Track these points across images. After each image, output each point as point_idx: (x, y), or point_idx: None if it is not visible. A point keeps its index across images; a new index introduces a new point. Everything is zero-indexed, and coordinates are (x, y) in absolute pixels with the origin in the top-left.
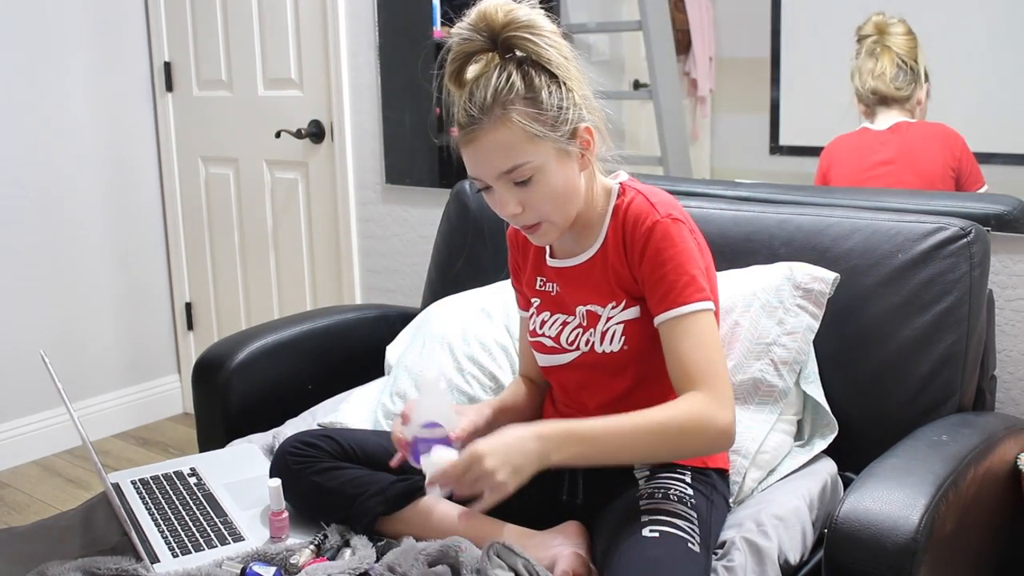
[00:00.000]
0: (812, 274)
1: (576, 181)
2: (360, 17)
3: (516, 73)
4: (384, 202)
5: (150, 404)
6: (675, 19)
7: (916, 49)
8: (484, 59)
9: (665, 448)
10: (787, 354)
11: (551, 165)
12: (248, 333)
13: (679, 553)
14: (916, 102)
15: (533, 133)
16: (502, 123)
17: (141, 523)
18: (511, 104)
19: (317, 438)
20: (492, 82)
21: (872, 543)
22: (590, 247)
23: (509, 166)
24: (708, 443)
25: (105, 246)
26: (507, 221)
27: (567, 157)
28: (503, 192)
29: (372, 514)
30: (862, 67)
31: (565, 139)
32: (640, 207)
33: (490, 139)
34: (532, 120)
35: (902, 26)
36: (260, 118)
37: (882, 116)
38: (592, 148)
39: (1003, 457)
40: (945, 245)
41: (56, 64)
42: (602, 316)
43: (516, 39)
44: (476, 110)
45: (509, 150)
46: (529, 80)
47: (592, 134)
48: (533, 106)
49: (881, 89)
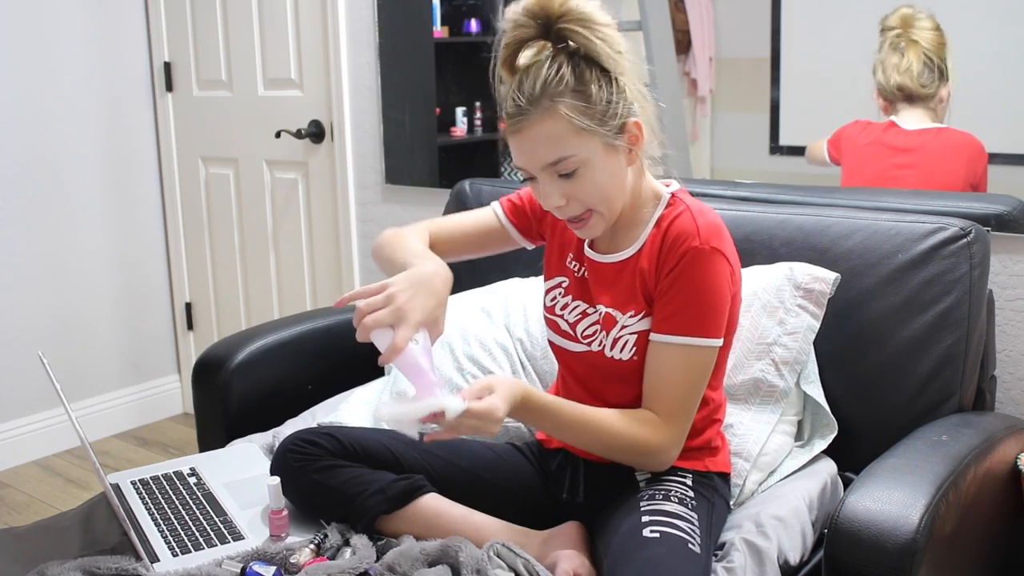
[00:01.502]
0: (813, 274)
1: (622, 176)
2: (360, 17)
3: (567, 65)
4: (384, 202)
5: (150, 404)
6: (675, 19)
7: (944, 46)
8: (537, 47)
9: (608, 452)
10: (788, 354)
11: (597, 159)
12: (248, 333)
13: (679, 553)
14: (939, 100)
15: (580, 127)
16: (550, 115)
17: (140, 523)
18: (560, 96)
19: (318, 436)
20: (542, 73)
21: (872, 543)
22: (628, 248)
23: (555, 158)
24: (643, 464)
25: (105, 246)
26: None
27: (614, 152)
28: (547, 184)
29: (373, 512)
30: (886, 61)
31: (613, 133)
32: (686, 226)
33: (537, 130)
34: (580, 113)
35: (930, 21)
36: (260, 118)
37: (905, 113)
38: (640, 143)
39: (1003, 457)
40: (945, 245)
41: (56, 64)
42: (618, 323)
43: (570, 31)
44: (524, 100)
45: (556, 142)
46: (579, 73)
47: (641, 129)
48: (582, 99)
49: (907, 85)
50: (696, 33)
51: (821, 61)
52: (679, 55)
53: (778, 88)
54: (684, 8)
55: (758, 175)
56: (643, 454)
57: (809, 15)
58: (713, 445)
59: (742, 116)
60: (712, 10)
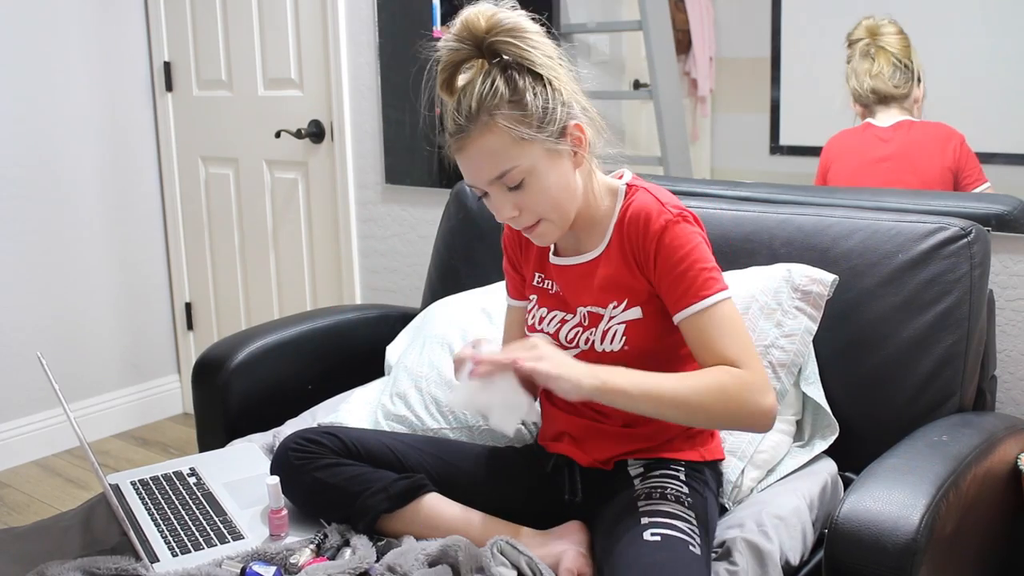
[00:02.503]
0: (811, 276)
1: (570, 180)
2: (360, 17)
3: (500, 78)
4: (384, 202)
5: (150, 404)
6: (675, 19)
7: (909, 48)
8: (475, 66)
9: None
10: (785, 356)
11: (541, 166)
12: (248, 333)
13: (681, 557)
14: (913, 100)
15: (520, 136)
16: (488, 129)
17: (140, 523)
18: (496, 109)
19: (320, 435)
20: (476, 89)
21: (872, 543)
22: (596, 246)
23: (499, 171)
24: (746, 415)
25: (105, 246)
26: (506, 224)
27: (558, 156)
28: (498, 197)
29: (375, 511)
30: (858, 68)
31: (554, 139)
32: (649, 205)
33: (478, 146)
34: (518, 123)
35: (893, 27)
36: (260, 118)
37: (883, 115)
38: (584, 145)
39: (1003, 457)
40: (945, 245)
41: (56, 64)
42: (604, 316)
43: (499, 43)
44: (463, 118)
45: (497, 155)
46: (513, 84)
47: (583, 131)
48: (518, 109)
49: (880, 88)
50: (696, 33)
51: (821, 61)
52: (679, 55)
53: (778, 88)
54: (684, 8)
55: (758, 175)
56: (739, 396)
57: (809, 15)
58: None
59: (742, 116)
60: (712, 10)
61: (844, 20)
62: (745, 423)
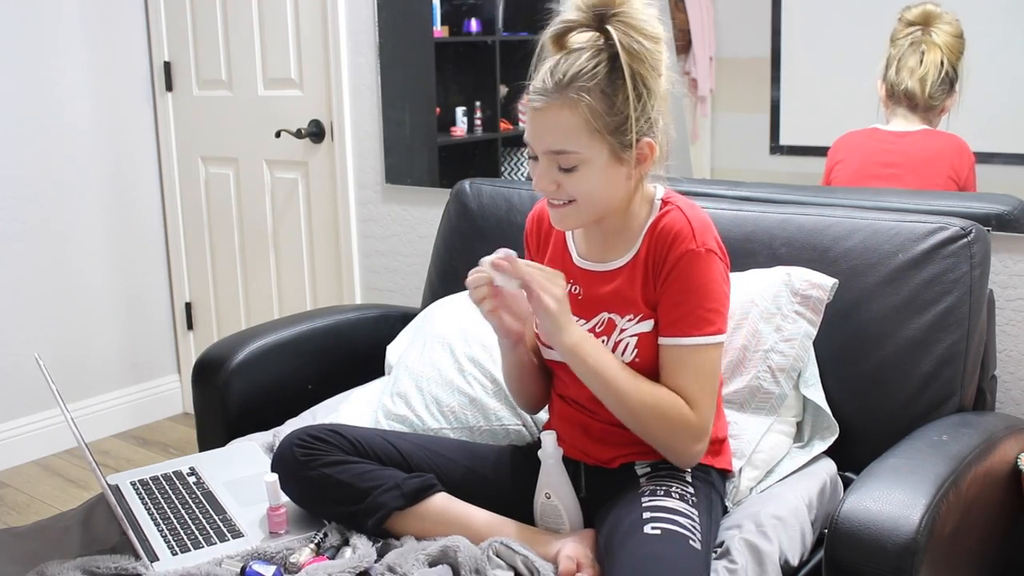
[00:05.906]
0: (810, 280)
1: (618, 187)
2: (360, 17)
3: (605, 64)
4: (384, 202)
5: (150, 404)
6: (675, 19)
7: (961, 54)
8: (591, 35)
9: (641, 413)
10: (784, 361)
11: (599, 163)
12: (248, 333)
13: (680, 550)
14: (940, 111)
15: (595, 127)
16: (569, 106)
17: (140, 522)
18: (585, 92)
19: (324, 432)
20: (581, 60)
21: (872, 543)
22: (624, 255)
23: (559, 148)
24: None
25: (105, 246)
26: (538, 195)
27: (619, 163)
28: (546, 167)
29: (388, 507)
30: (903, 60)
31: (623, 147)
32: (680, 228)
33: (553, 115)
34: (598, 116)
35: (952, 26)
36: (260, 118)
37: (902, 119)
38: (648, 164)
39: (1003, 457)
40: (945, 245)
41: (56, 64)
42: (617, 327)
43: (618, 27)
44: (552, 82)
45: (567, 134)
46: (613, 78)
47: (653, 151)
48: (605, 103)
49: (917, 94)
50: (696, 33)
51: (821, 61)
52: (679, 55)
53: (778, 88)
54: (684, 8)
55: (758, 175)
56: (675, 423)
57: (809, 15)
58: (719, 437)
59: (742, 116)
60: (712, 10)
61: (844, 20)
62: (667, 450)
